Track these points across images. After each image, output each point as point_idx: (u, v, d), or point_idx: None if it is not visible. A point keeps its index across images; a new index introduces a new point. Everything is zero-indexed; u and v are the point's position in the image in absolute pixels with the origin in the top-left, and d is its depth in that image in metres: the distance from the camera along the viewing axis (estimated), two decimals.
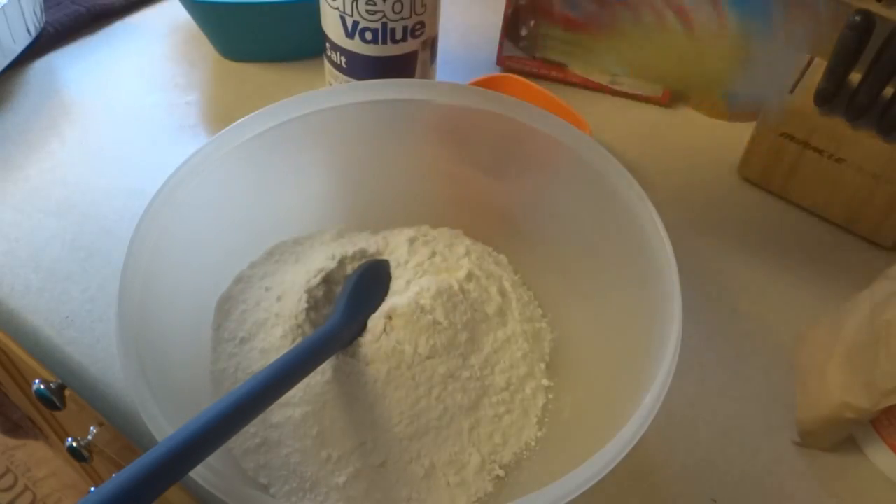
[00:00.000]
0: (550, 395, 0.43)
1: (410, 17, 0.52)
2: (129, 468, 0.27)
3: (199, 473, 0.30)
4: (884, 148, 0.51)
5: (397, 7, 0.50)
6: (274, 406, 0.38)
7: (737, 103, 0.36)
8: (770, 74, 0.38)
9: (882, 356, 0.40)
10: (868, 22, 0.48)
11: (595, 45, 0.39)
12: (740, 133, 0.61)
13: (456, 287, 0.42)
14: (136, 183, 0.56)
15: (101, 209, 0.55)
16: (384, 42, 0.52)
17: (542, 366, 0.44)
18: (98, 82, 0.65)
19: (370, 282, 0.43)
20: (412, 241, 0.46)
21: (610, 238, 0.43)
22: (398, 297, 0.41)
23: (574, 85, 0.67)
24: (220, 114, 0.63)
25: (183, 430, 0.29)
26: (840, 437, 0.44)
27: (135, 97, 0.64)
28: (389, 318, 0.40)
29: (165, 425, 0.31)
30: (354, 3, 0.50)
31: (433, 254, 0.45)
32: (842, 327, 0.43)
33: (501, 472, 0.40)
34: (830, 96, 0.52)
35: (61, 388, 0.61)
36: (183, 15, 0.66)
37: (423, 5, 0.52)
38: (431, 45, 0.56)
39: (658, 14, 0.34)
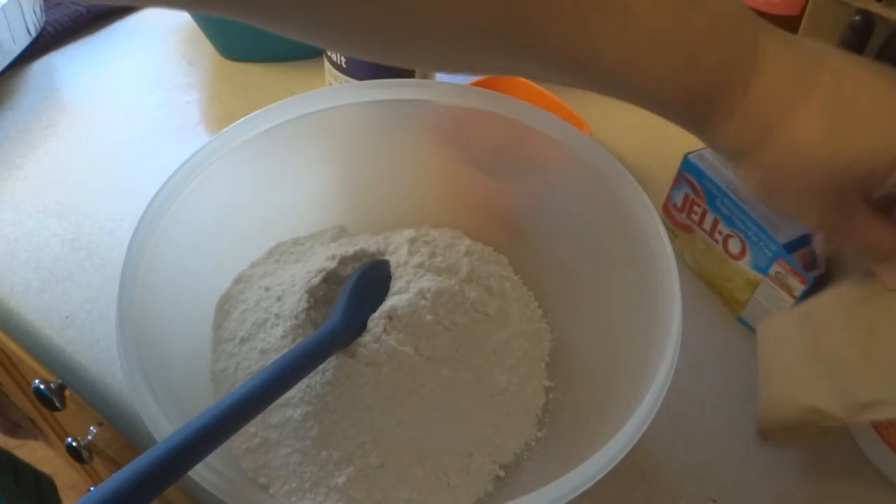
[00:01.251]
0: (550, 395, 0.43)
1: None
2: (129, 468, 0.27)
3: (199, 473, 0.30)
4: None
5: None
6: (274, 406, 0.38)
7: (746, 324, 0.51)
8: (763, 314, 0.49)
9: (860, 363, 0.36)
10: (868, 22, 0.48)
11: (679, 235, 0.54)
12: None
13: (456, 287, 0.42)
14: (135, 183, 0.56)
15: (101, 209, 0.55)
16: None
17: (542, 366, 0.44)
18: (98, 82, 0.65)
19: (370, 282, 0.43)
20: (412, 241, 0.46)
21: (610, 238, 0.43)
22: (398, 298, 0.41)
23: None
24: (220, 114, 0.63)
25: (182, 431, 0.29)
26: (805, 440, 0.43)
27: (135, 97, 0.64)
28: (390, 318, 0.40)
29: (165, 425, 0.31)
30: None
31: (433, 254, 0.45)
32: (811, 323, 0.40)
33: (501, 473, 0.40)
34: None
35: (61, 388, 0.61)
36: (183, 15, 0.66)
37: None
38: None
39: (713, 240, 0.51)
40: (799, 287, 0.45)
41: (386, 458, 0.38)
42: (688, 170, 0.50)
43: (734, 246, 0.49)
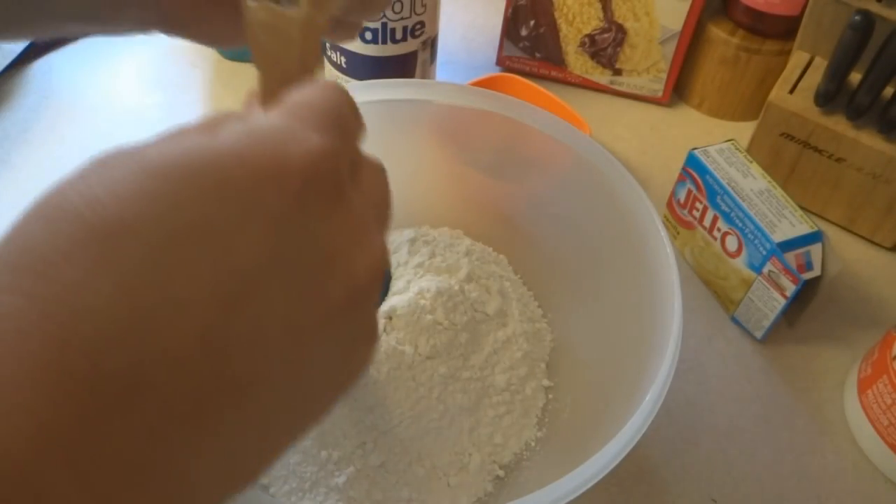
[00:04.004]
0: (550, 395, 0.43)
1: (410, 17, 0.52)
2: None
3: None
4: (884, 148, 0.51)
5: (397, 7, 0.50)
6: None
7: (739, 324, 0.51)
8: (755, 314, 0.49)
9: None
10: (868, 22, 0.48)
11: (681, 232, 0.54)
12: (741, 133, 0.61)
13: (456, 287, 0.42)
14: None
15: None
16: (384, 42, 0.52)
17: (543, 366, 0.44)
18: (98, 82, 0.65)
19: None
20: (412, 241, 0.46)
21: (610, 238, 0.43)
22: (398, 298, 0.41)
23: (574, 85, 0.67)
24: None
25: None
26: None
27: (135, 97, 0.64)
28: (389, 318, 0.40)
29: None
30: None
31: (433, 254, 0.45)
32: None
33: (501, 472, 0.40)
34: (831, 96, 0.52)
35: None
36: None
37: (423, 5, 0.52)
38: (431, 45, 0.56)
39: (712, 237, 0.51)
40: (790, 287, 0.45)
41: (386, 458, 0.38)
42: (691, 165, 0.50)
43: (731, 244, 0.49)
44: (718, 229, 0.50)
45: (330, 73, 0.57)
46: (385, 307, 0.40)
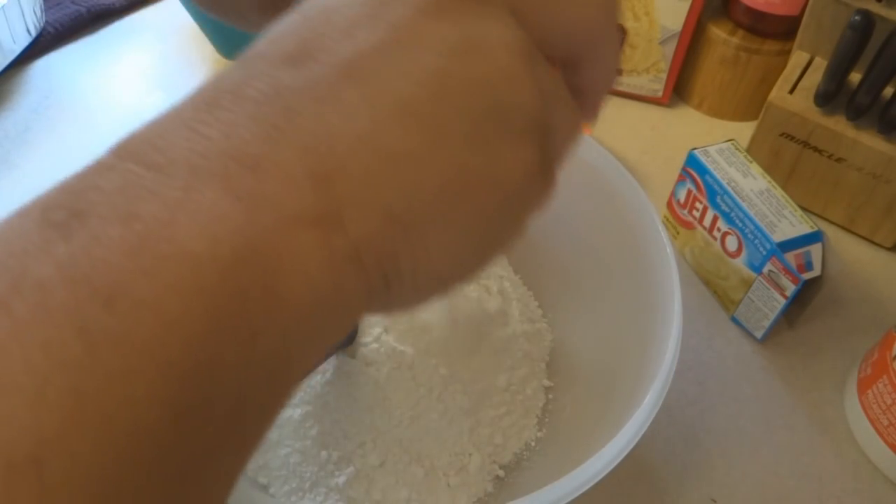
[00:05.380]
0: (550, 395, 0.43)
1: None
2: None
3: None
4: (884, 148, 0.51)
5: None
6: None
7: (739, 324, 0.51)
8: (755, 314, 0.49)
9: None
10: (868, 22, 0.48)
11: (681, 232, 0.54)
12: (741, 133, 0.61)
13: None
14: None
15: None
16: None
17: (542, 366, 0.44)
18: (98, 82, 0.65)
19: None
20: None
21: (610, 238, 0.43)
22: None
23: None
24: None
25: None
26: None
27: (135, 97, 0.64)
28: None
29: None
30: None
31: None
32: None
33: (501, 472, 0.40)
34: (831, 96, 0.52)
35: None
36: (183, 15, 0.66)
37: None
38: None
39: (712, 237, 0.51)
40: (790, 287, 0.45)
41: (386, 458, 0.38)
42: (691, 165, 0.50)
43: (731, 244, 0.49)
44: (718, 229, 0.50)
45: None
46: None
